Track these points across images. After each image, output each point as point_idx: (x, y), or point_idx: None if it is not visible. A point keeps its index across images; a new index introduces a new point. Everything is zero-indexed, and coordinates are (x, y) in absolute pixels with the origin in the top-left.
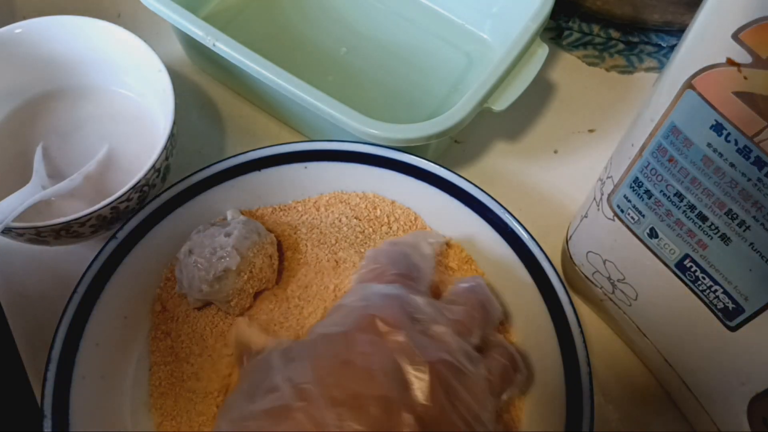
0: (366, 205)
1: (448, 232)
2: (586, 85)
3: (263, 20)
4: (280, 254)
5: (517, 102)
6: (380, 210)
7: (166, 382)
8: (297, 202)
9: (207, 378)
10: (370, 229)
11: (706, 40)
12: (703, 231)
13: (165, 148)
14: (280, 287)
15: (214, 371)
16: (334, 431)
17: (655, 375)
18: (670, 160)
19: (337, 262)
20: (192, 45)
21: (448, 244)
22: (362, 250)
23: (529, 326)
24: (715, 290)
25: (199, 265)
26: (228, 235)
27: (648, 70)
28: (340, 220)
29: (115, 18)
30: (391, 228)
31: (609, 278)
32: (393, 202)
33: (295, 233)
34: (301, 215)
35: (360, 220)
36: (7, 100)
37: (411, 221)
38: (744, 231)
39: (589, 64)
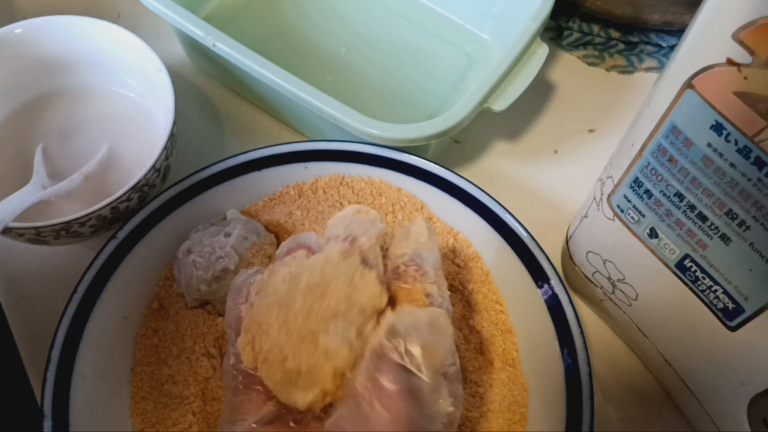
0: (371, 191)
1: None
2: (586, 85)
3: (263, 20)
4: None
5: (517, 102)
6: (385, 197)
7: (147, 385)
8: (289, 187)
9: (183, 381)
10: None
11: (706, 40)
12: (703, 231)
13: (165, 148)
14: None
15: (190, 374)
16: None
17: (655, 375)
18: (670, 160)
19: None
20: (192, 45)
21: (454, 238)
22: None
23: (529, 326)
24: (715, 290)
25: (197, 264)
26: (227, 235)
27: (648, 70)
28: (341, 204)
29: (115, 18)
30: (396, 217)
31: (609, 278)
32: (399, 189)
33: (290, 218)
34: (295, 200)
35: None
36: (7, 100)
37: (417, 209)
38: (744, 231)
39: (589, 64)
